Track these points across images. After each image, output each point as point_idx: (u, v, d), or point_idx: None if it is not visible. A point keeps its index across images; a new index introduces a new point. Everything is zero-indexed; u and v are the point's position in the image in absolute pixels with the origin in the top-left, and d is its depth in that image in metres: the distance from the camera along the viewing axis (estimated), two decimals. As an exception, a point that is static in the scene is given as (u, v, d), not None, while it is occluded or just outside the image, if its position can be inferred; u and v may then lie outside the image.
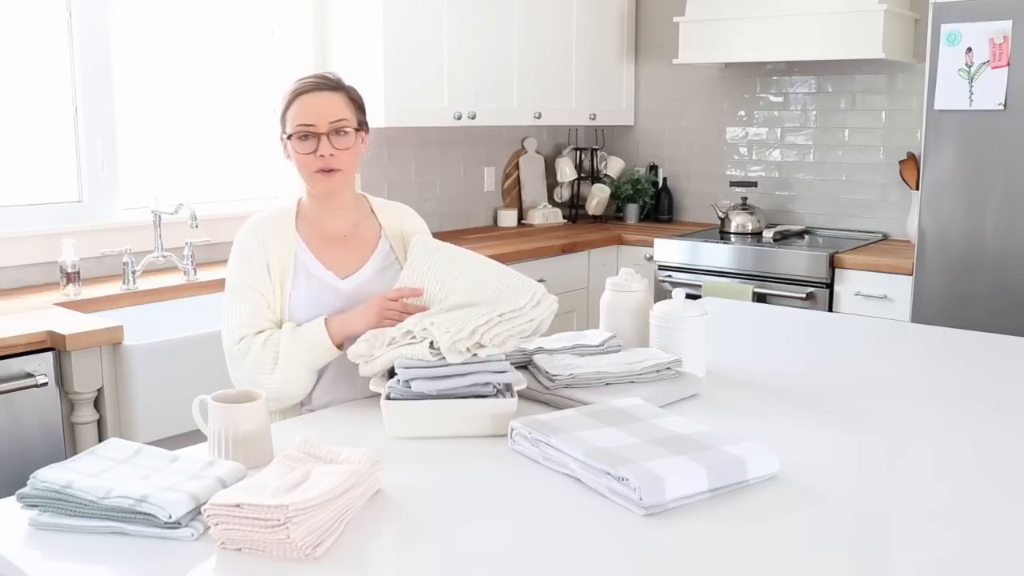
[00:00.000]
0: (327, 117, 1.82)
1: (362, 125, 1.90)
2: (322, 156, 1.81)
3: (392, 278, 1.90)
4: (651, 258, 4.02)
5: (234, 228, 3.26)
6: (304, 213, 1.94)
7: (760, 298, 3.67)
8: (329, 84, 1.86)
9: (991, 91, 3.15)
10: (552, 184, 4.75)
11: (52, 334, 2.31)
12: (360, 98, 1.91)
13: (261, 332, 1.81)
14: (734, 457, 1.35)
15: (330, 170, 1.83)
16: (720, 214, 4.21)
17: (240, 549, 1.15)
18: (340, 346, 1.78)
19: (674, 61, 4.18)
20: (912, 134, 3.98)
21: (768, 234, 4.01)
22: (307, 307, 1.84)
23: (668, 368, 1.79)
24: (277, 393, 1.77)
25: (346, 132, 1.84)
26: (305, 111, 1.82)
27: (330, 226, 1.93)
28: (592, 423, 1.47)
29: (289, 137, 1.84)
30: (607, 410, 1.54)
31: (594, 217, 4.66)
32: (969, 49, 3.17)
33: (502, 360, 1.63)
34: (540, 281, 1.81)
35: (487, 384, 1.58)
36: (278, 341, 1.78)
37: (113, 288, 2.85)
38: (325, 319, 1.79)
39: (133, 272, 2.86)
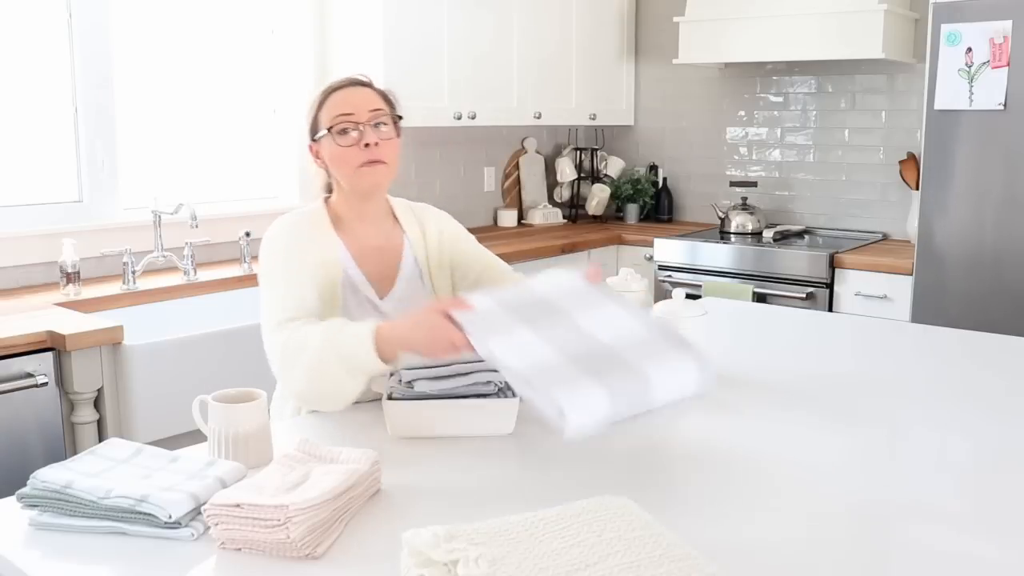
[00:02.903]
0: (366, 107, 1.72)
1: (396, 122, 1.78)
2: (367, 146, 1.69)
3: (421, 294, 1.78)
4: (651, 258, 4.02)
5: (234, 228, 3.32)
6: (337, 217, 1.79)
7: (760, 298, 3.67)
8: (360, 81, 1.79)
9: (991, 91, 3.14)
10: (552, 184, 4.75)
11: (52, 334, 2.31)
12: (392, 96, 1.82)
13: (297, 320, 1.61)
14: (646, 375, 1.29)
15: (375, 161, 1.71)
16: (720, 214, 4.21)
17: (240, 549, 1.16)
18: (387, 360, 1.51)
19: (674, 61, 4.18)
20: (912, 134, 3.98)
21: (768, 234, 4.01)
22: None
23: (668, 368, 1.78)
24: (302, 395, 1.57)
25: (385, 124, 1.74)
26: (342, 103, 1.73)
27: (363, 233, 1.78)
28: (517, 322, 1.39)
29: (329, 130, 1.72)
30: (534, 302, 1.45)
31: (594, 217, 4.66)
32: (969, 49, 3.17)
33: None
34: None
35: (488, 382, 1.58)
36: (311, 334, 1.54)
37: (113, 288, 2.85)
38: (377, 325, 1.52)
39: (133, 272, 2.86)
